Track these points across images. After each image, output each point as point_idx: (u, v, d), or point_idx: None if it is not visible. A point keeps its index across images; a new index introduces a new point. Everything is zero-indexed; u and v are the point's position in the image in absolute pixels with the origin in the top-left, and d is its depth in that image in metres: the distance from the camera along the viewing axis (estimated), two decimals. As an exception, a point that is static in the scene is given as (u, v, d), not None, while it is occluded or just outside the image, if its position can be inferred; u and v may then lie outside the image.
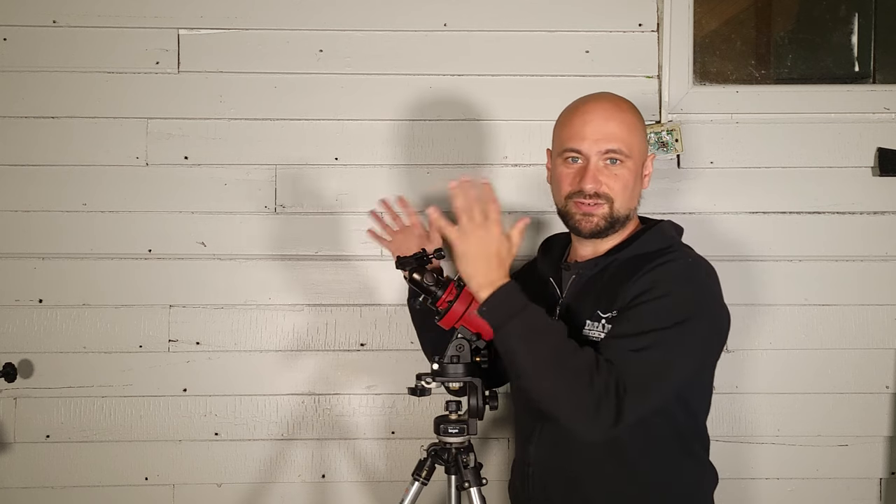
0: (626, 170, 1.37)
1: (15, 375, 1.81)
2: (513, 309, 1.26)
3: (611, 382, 1.22)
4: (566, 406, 1.25)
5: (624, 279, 1.34)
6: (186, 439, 1.88)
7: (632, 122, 1.39)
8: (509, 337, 1.26)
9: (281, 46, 1.88)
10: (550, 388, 1.25)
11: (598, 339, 1.33)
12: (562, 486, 1.41)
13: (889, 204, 1.88)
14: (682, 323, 1.27)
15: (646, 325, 1.27)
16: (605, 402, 1.21)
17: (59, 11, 1.85)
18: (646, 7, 1.89)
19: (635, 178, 1.40)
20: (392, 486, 1.88)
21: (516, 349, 1.26)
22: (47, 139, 1.85)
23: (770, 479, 1.89)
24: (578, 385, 1.22)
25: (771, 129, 1.89)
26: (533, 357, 1.25)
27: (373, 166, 1.89)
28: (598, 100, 1.42)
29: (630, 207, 1.41)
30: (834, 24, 2.03)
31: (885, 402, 1.89)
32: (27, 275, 1.85)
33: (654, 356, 1.26)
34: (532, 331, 1.26)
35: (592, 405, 1.22)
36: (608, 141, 1.36)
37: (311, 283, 1.88)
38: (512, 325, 1.25)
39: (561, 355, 1.25)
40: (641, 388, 1.24)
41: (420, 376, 1.43)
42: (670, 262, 1.34)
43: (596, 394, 1.21)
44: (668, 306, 1.28)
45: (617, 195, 1.38)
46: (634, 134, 1.39)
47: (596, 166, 1.37)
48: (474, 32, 1.88)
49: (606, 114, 1.38)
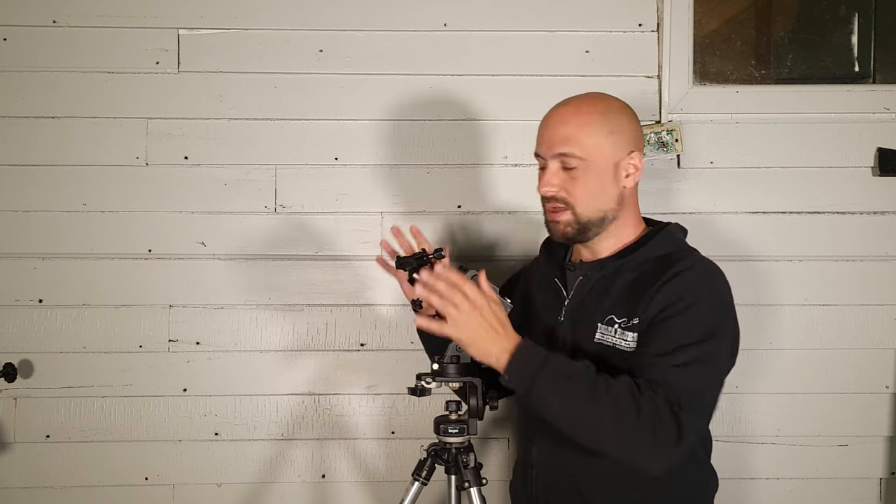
0: (583, 173, 1.34)
1: (15, 375, 1.81)
2: (534, 367, 1.24)
3: (661, 402, 1.20)
4: (621, 442, 1.23)
5: (640, 286, 1.33)
6: (186, 439, 1.88)
7: (592, 123, 1.34)
8: (541, 395, 1.23)
9: (281, 46, 1.88)
10: (599, 429, 1.23)
11: (614, 344, 1.32)
12: (564, 489, 1.40)
13: (889, 204, 1.89)
14: (714, 336, 1.28)
15: (682, 339, 1.25)
16: (661, 423, 1.19)
17: (59, 11, 1.85)
18: (646, 7, 1.89)
19: (601, 181, 1.35)
20: (392, 486, 1.88)
21: (551, 403, 1.24)
22: (47, 139, 1.85)
23: (770, 479, 1.89)
24: (627, 417, 1.19)
25: (771, 129, 1.89)
26: (570, 405, 1.23)
27: (373, 166, 1.89)
28: (563, 103, 1.40)
29: (602, 210, 1.36)
30: (834, 24, 2.03)
31: (885, 402, 1.89)
32: (27, 275, 1.85)
33: (699, 370, 1.25)
34: (561, 379, 1.24)
35: (648, 431, 1.20)
36: (559, 145, 1.34)
37: (311, 283, 1.88)
38: (540, 382, 1.23)
39: (597, 392, 1.22)
40: (696, 402, 1.24)
41: (420, 376, 1.43)
42: (689, 271, 1.32)
43: (648, 419, 1.19)
44: (699, 319, 1.28)
45: (577, 200, 1.35)
46: (594, 136, 1.34)
47: (552, 170, 1.36)
48: (474, 32, 1.88)
49: (563, 118, 1.37)
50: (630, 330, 1.32)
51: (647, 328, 1.30)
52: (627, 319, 1.33)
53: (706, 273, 1.36)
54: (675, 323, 1.27)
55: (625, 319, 1.33)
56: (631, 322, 1.32)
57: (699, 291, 1.31)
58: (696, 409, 1.24)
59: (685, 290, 1.29)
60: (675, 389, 1.22)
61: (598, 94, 1.42)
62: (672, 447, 1.21)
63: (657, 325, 1.28)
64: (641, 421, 1.19)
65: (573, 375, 1.25)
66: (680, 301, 1.28)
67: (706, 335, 1.27)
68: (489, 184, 1.90)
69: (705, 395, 1.27)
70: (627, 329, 1.32)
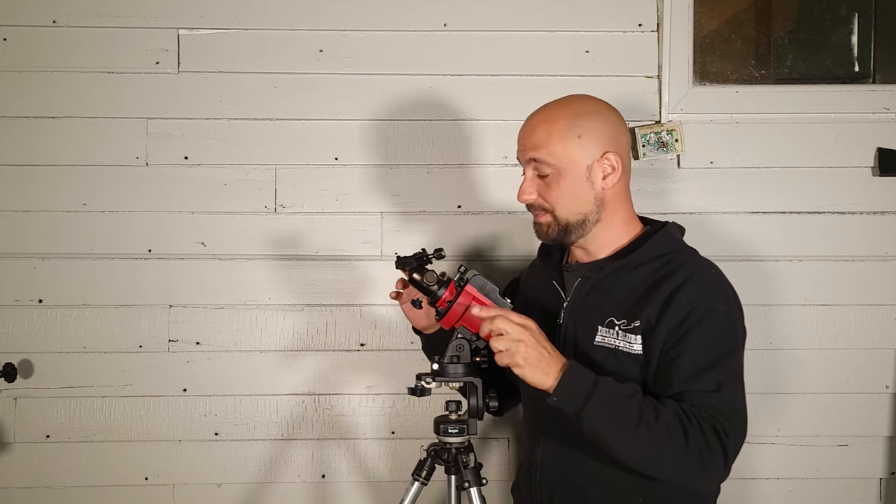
0: (555, 179, 1.35)
1: (15, 375, 1.81)
2: (586, 389, 1.24)
3: (707, 430, 1.22)
4: (671, 470, 1.25)
5: (640, 287, 1.33)
6: (186, 439, 1.88)
7: (558, 129, 1.34)
8: (591, 420, 1.24)
9: (281, 46, 1.88)
10: (647, 457, 1.25)
11: (616, 347, 1.32)
12: (569, 494, 1.40)
13: (889, 204, 1.89)
14: (735, 347, 1.31)
15: (706, 357, 1.26)
16: (708, 454, 1.21)
17: (59, 11, 1.85)
18: (646, 7, 1.89)
19: (574, 185, 1.35)
20: (392, 486, 1.88)
21: (601, 428, 1.24)
22: (47, 139, 1.85)
23: (770, 479, 1.89)
24: (676, 446, 1.21)
25: (771, 129, 1.89)
26: (620, 431, 1.24)
27: (373, 166, 1.89)
28: (538, 110, 1.41)
29: (581, 212, 1.36)
30: (834, 24, 2.03)
31: (885, 402, 1.89)
32: (27, 275, 1.85)
33: (732, 390, 1.27)
34: (610, 405, 1.24)
35: (696, 462, 1.22)
36: (530, 150, 1.37)
37: (311, 283, 1.88)
38: (590, 407, 1.23)
39: (647, 420, 1.22)
40: (739, 423, 1.26)
41: (420, 376, 1.43)
42: (696, 278, 1.32)
43: (697, 449, 1.21)
44: (717, 330, 1.29)
45: (555, 204, 1.36)
46: (562, 141, 1.34)
47: (528, 178, 1.39)
48: (474, 32, 1.88)
49: (531, 123, 1.39)
50: (632, 332, 1.31)
51: (663, 340, 1.29)
52: (628, 322, 1.32)
53: (714, 278, 1.36)
54: (694, 339, 1.27)
55: (625, 321, 1.33)
56: (632, 325, 1.32)
57: (711, 299, 1.31)
58: (739, 429, 1.27)
59: (697, 300, 1.29)
60: (717, 417, 1.23)
61: (574, 97, 1.42)
62: (720, 474, 1.25)
63: (679, 344, 1.28)
64: (690, 450, 1.21)
65: (622, 400, 1.25)
66: (694, 312, 1.28)
67: (727, 349, 1.29)
68: (489, 184, 1.90)
69: (743, 411, 1.29)
70: (629, 332, 1.32)
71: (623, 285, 1.36)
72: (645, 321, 1.30)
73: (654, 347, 1.30)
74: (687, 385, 1.26)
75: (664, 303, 1.29)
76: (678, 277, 1.31)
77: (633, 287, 1.35)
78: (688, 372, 1.26)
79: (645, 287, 1.33)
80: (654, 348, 1.30)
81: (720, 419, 1.23)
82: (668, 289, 1.30)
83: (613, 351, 1.33)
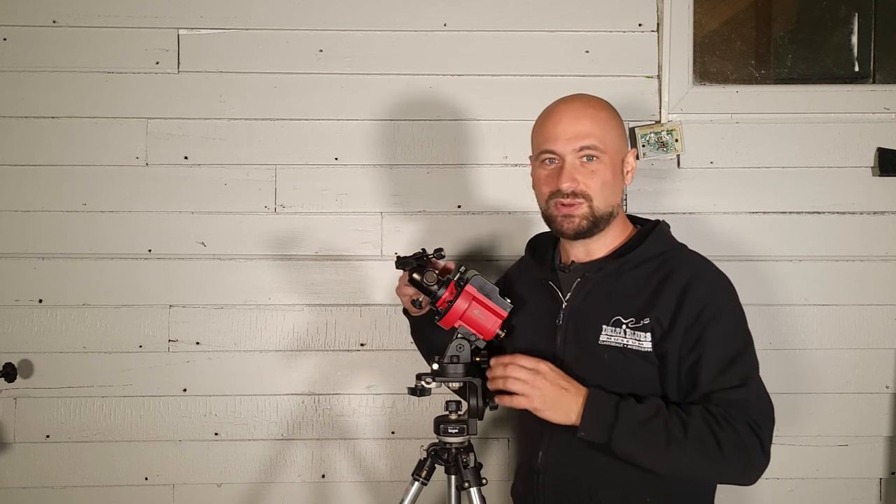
0: (602, 166, 1.36)
1: (15, 375, 1.81)
2: (608, 415, 1.27)
3: (740, 426, 1.25)
4: (710, 474, 1.31)
5: (644, 285, 1.34)
6: (186, 439, 1.88)
7: (604, 118, 1.38)
8: (621, 445, 1.27)
9: (281, 46, 1.88)
10: (684, 468, 1.29)
11: (624, 345, 1.33)
12: (575, 496, 1.39)
13: (889, 204, 1.89)
14: (747, 340, 1.33)
15: (724, 355, 1.29)
16: (745, 448, 1.25)
17: (59, 11, 1.85)
18: (646, 7, 1.89)
19: (613, 175, 1.38)
20: (392, 486, 1.88)
21: (634, 453, 1.28)
22: (47, 139, 1.85)
23: (770, 479, 1.89)
24: (710, 451, 1.25)
25: (771, 129, 1.89)
26: (653, 450, 1.27)
27: (373, 166, 1.89)
28: (569, 100, 1.41)
29: (612, 204, 1.38)
30: (834, 24, 2.03)
31: (885, 402, 1.89)
32: (27, 275, 1.85)
33: (754, 383, 1.31)
34: (638, 427, 1.27)
35: (735, 460, 1.25)
36: (580, 138, 1.35)
37: (311, 283, 1.88)
38: (618, 434, 1.26)
39: (675, 433, 1.25)
40: (768, 412, 1.31)
41: (420, 376, 1.43)
42: (700, 275, 1.35)
43: (732, 449, 1.24)
44: (730, 326, 1.32)
45: (595, 193, 1.36)
46: (608, 130, 1.37)
47: (572, 165, 1.36)
48: (474, 32, 1.88)
49: (576, 112, 1.38)
50: (641, 330, 1.32)
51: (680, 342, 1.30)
52: (636, 320, 1.33)
53: (714, 275, 1.37)
54: (711, 339, 1.29)
55: (633, 320, 1.33)
56: (641, 322, 1.32)
57: (719, 296, 1.33)
58: (769, 414, 1.31)
59: (706, 298, 1.31)
60: (746, 411, 1.27)
61: (586, 95, 1.44)
62: (761, 462, 1.28)
63: (696, 345, 1.30)
64: (725, 452, 1.24)
65: (646, 421, 1.27)
66: (706, 310, 1.30)
67: (741, 343, 1.32)
68: (489, 184, 1.90)
69: (767, 397, 1.32)
70: (638, 329, 1.32)
71: (625, 284, 1.37)
72: (654, 320, 1.32)
73: (672, 348, 1.31)
74: (712, 385, 1.29)
75: (676, 303, 1.31)
76: (682, 276, 1.33)
77: (636, 285, 1.35)
78: (711, 372, 1.29)
79: (650, 285, 1.34)
80: (671, 349, 1.31)
81: (750, 412, 1.27)
82: (675, 288, 1.32)
83: (622, 349, 1.33)
